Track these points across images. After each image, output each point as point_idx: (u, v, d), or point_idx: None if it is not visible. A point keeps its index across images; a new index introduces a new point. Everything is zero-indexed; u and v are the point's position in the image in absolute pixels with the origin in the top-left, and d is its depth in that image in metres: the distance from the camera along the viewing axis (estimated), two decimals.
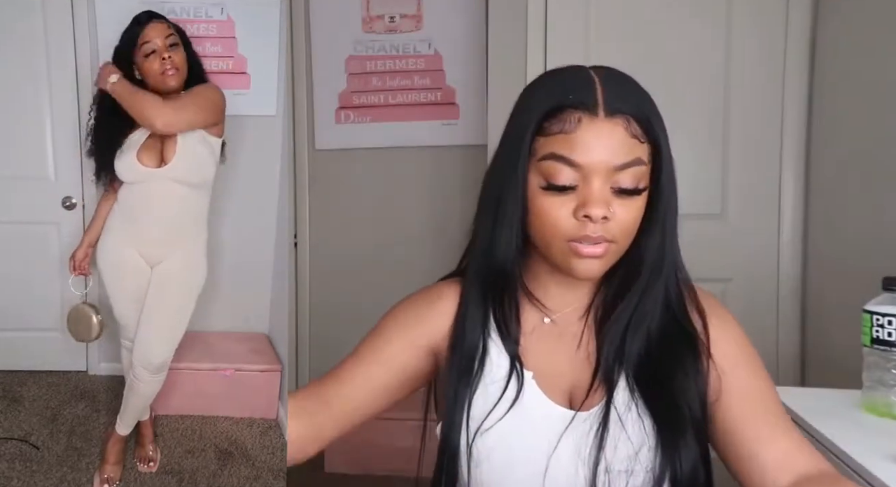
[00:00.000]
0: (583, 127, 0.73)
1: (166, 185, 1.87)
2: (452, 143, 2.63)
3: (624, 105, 0.75)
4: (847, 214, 1.81)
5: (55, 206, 2.48)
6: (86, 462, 2.13)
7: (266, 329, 2.69)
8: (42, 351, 2.53)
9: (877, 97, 1.66)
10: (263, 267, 2.65)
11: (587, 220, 0.73)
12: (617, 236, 0.75)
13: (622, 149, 0.73)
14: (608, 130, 0.73)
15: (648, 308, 0.80)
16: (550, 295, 0.84)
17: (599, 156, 0.73)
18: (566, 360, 0.83)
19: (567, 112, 0.74)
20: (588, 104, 0.74)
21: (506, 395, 0.80)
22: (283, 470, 2.19)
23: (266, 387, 2.47)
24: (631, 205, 0.75)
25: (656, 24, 2.07)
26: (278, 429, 2.41)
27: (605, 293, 0.84)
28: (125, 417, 2.01)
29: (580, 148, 0.73)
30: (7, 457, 2.10)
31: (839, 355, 1.77)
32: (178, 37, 1.89)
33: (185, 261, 1.96)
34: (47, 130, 2.47)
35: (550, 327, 0.84)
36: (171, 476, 2.12)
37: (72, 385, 2.49)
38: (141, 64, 1.84)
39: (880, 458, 0.90)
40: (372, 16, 2.66)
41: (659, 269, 0.80)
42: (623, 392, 0.78)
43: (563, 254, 0.76)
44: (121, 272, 1.96)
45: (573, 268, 0.76)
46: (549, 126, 0.75)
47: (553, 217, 0.75)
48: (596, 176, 0.73)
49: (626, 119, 0.74)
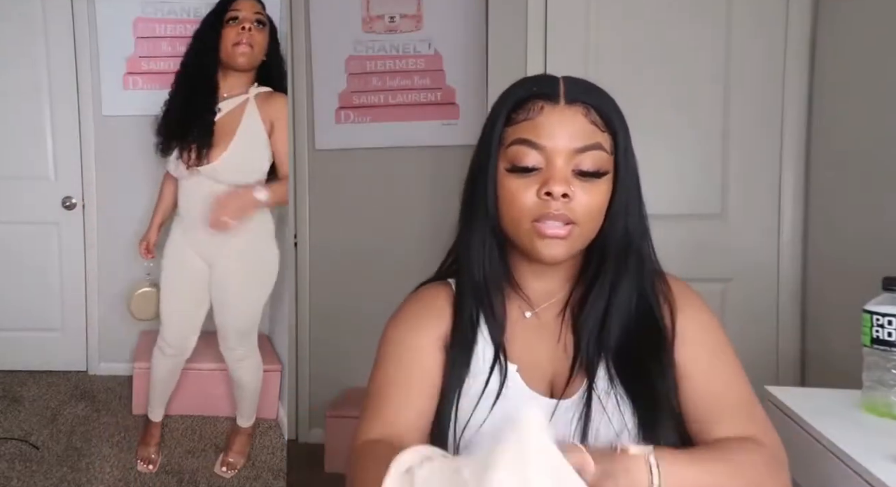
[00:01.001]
0: (545, 113, 0.80)
1: (206, 184, 1.82)
2: (452, 143, 2.63)
3: (583, 95, 0.81)
4: (847, 214, 1.81)
5: (55, 206, 2.48)
6: (86, 462, 2.13)
7: (266, 329, 2.69)
8: (42, 351, 2.53)
9: (877, 97, 1.66)
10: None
11: (549, 199, 0.78)
12: (579, 218, 0.79)
13: (582, 133, 0.80)
14: (569, 116, 0.80)
15: (623, 298, 0.83)
16: (531, 289, 0.88)
17: (560, 138, 0.79)
18: (546, 352, 0.86)
19: (531, 101, 0.81)
20: (550, 94, 0.81)
21: (491, 387, 0.82)
22: (283, 470, 2.19)
23: (266, 387, 2.47)
24: (592, 190, 0.80)
25: (656, 24, 2.07)
26: (278, 429, 2.41)
27: (581, 287, 0.87)
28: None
29: (543, 131, 0.79)
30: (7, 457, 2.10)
31: (839, 355, 1.77)
32: (269, 24, 1.82)
33: (241, 254, 1.92)
34: (47, 130, 2.47)
35: (531, 321, 0.88)
36: (171, 476, 2.13)
37: (72, 385, 2.49)
38: (220, 31, 1.78)
39: (880, 458, 0.90)
40: (372, 16, 2.66)
41: (624, 259, 0.83)
42: (602, 380, 0.81)
43: (529, 237, 0.80)
44: (178, 270, 1.96)
45: (539, 251, 0.80)
46: (515, 116, 0.82)
47: (519, 198, 0.79)
48: (558, 157, 0.79)
49: (586, 107, 0.80)
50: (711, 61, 2.05)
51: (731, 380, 0.83)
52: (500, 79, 2.13)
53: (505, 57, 2.14)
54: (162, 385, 2.11)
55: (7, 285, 2.49)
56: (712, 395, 0.81)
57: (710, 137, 2.07)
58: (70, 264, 2.52)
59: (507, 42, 2.13)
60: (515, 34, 2.12)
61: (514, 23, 2.12)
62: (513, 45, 2.12)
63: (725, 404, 0.81)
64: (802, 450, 1.05)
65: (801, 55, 2.01)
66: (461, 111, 2.63)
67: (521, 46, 2.12)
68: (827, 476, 0.98)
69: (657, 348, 0.82)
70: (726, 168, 2.07)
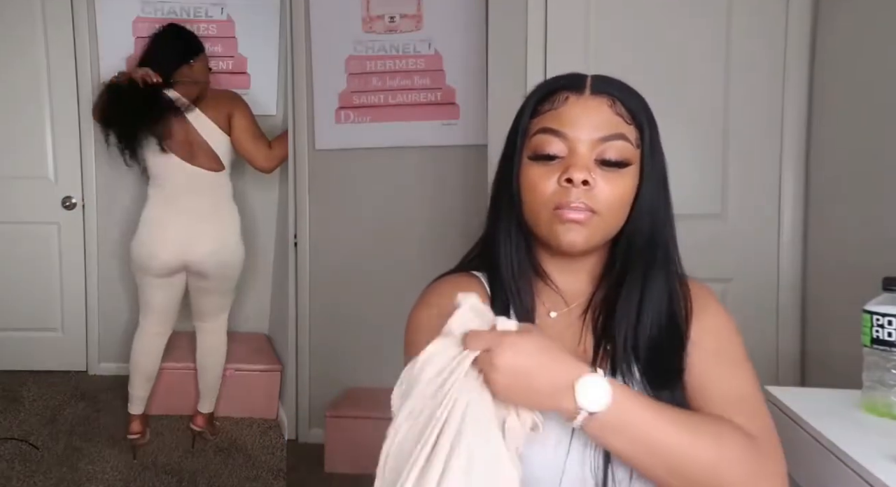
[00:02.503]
0: (569, 103, 0.80)
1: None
2: (452, 143, 2.63)
3: (609, 88, 0.81)
4: (847, 214, 1.80)
5: (55, 206, 2.49)
6: (85, 462, 2.13)
7: (266, 329, 2.69)
8: (42, 351, 2.54)
9: (877, 97, 1.66)
10: (263, 267, 2.65)
11: (570, 186, 0.77)
12: (600, 207, 0.78)
13: (607, 123, 0.79)
14: (594, 106, 0.80)
15: (654, 298, 0.81)
16: (558, 287, 0.87)
17: (584, 127, 0.79)
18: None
19: (557, 93, 0.82)
20: (576, 86, 0.82)
21: None
22: (283, 470, 2.19)
23: (266, 387, 2.47)
24: (615, 179, 0.79)
25: (656, 25, 2.07)
26: (278, 429, 2.42)
27: (604, 287, 0.85)
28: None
29: (566, 120, 0.80)
30: (7, 457, 2.10)
31: (839, 355, 1.77)
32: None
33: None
34: (47, 130, 2.48)
35: (556, 321, 0.86)
36: (171, 476, 2.13)
37: (72, 385, 2.49)
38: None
39: (880, 458, 0.90)
40: (372, 16, 2.66)
41: (652, 256, 0.82)
42: (621, 380, 0.79)
43: (549, 224, 0.80)
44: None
45: (558, 236, 0.79)
46: (540, 108, 0.83)
47: (540, 185, 0.79)
48: (580, 145, 0.79)
49: (612, 98, 0.81)
50: (711, 61, 2.05)
51: (752, 399, 0.79)
52: (500, 79, 2.13)
53: (505, 57, 2.13)
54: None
55: (7, 285, 2.49)
56: (721, 398, 0.78)
57: (710, 137, 2.07)
58: (70, 264, 2.52)
59: (507, 42, 2.13)
60: (515, 34, 2.12)
61: (514, 23, 2.12)
62: (513, 45, 2.12)
63: (729, 401, 0.78)
64: (802, 450, 1.05)
65: (801, 55, 2.01)
66: (461, 111, 2.63)
67: (521, 46, 2.12)
68: (827, 476, 0.98)
69: (680, 353, 0.81)
70: (726, 168, 2.07)
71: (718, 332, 0.84)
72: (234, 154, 2.25)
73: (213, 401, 2.34)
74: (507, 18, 2.14)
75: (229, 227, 2.26)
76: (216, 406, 2.36)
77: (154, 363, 2.27)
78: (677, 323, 0.82)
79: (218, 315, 2.32)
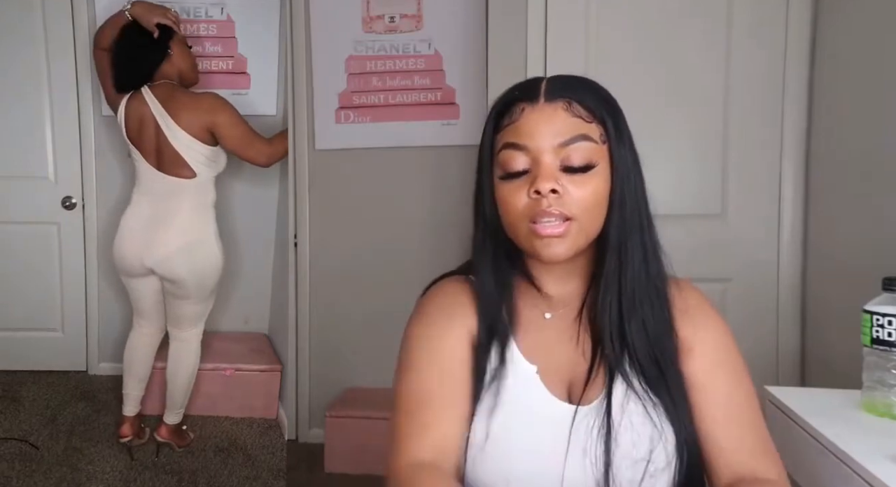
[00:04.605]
0: (526, 114, 0.80)
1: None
2: (452, 143, 2.63)
3: (564, 91, 0.81)
4: (847, 214, 1.81)
5: (55, 206, 2.49)
6: (85, 462, 2.13)
7: (266, 329, 2.69)
8: (42, 351, 2.54)
9: (877, 97, 1.66)
10: (263, 267, 2.65)
11: (539, 196, 0.77)
12: (575, 212, 0.78)
13: (564, 127, 0.79)
14: (549, 113, 0.80)
15: (630, 293, 0.81)
16: (552, 291, 0.87)
17: (543, 136, 0.79)
18: (565, 355, 0.84)
19: (514, 105, 0.82)
20: (531, 95, 0.81)
21: (506, 385, 0.81)
22: (283, 470, 2.19)
23: (266, 387, 2.47)
24: (584, 183, 0.79)
25: (656, 25, 2.07)
26: (278, 429, 2.41)
27: (595, 286, 0.85)
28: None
29: (525, 132, 0.80)
30: (7, 457, 2.10)
31: (839, 355, 1.77)
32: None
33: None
34: (47, 130, 2.48)
35: (551, 323, 0.86)
36: (171, 476, 2.13)
37: (72, 385, 2.49)
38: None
39: (880, 458, 0.90)
40: (372, 16, 2.66)
41: (625, 250, 0.81)
42: (620, 384, 0.80)
43: (528, 239, 0.80)
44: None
45: (539, 252, 0.79)
46: (501, 122, 0.83)
47: (512, 202, 0.80)
48: (543, 155, 0.79)
49: (567, 101, 0.80)
50: (711, 61, 2.05)
51: (751, 412, 0.82)
52: (500, 79, 2.13)
53: (505, 57, 2.13)
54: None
55: (7, 285, 2.49)
56: (732, 423, 0.80)
57: (710, 137, 2.07)
58: (70, 264, 2.52)
59: (507, 42, 2.13)
60: (515, 34, 2.12)
61: (514, 23, 2.12)
62: (513, 45, 2.12)
63: (745, 435, 0.80)
64: (802, 450, 1.05)
65: (801, 55, 2.01)
66: (461, 111, 2.63)
67: (521, 46, 2.12)
68: (827, 476, 0.98)
69: (674, 356, 0.82)
70: (726, 168, 2.07)
71: (718, 344, 0.85)
72: (214, 161, 2.17)
73: (179, 413, 2.25)
74: (507, 18, 2.14)
75: (200, 234, 2.14)
76: (215, 405, 2.36)
77: (145, 363, 2.24)
78: (668, 320, 0.83)
79: (192, 324, 2.23)
